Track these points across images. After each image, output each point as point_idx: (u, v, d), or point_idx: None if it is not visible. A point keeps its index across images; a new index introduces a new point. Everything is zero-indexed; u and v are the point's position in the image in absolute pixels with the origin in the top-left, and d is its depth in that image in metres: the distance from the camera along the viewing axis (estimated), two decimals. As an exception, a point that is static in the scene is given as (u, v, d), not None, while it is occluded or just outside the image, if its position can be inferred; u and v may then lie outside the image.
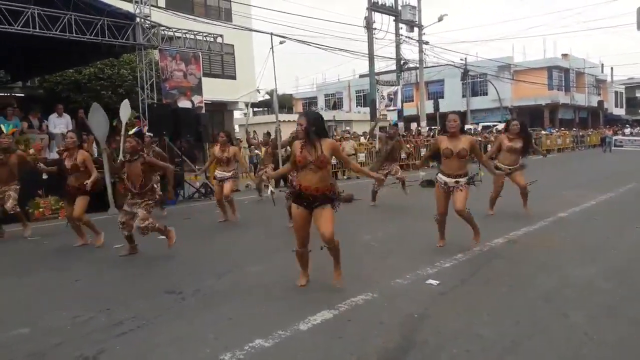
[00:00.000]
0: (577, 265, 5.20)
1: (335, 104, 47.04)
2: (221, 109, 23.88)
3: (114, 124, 12.00)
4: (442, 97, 41.28)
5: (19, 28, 10.05)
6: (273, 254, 6.21)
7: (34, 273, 5.74)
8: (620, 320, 3.72)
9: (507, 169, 7.93)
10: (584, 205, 8.96)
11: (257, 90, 25.02)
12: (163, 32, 12.58)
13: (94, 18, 11.00)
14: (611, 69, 52.64)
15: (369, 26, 23.80)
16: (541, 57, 44.20)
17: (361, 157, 18.64)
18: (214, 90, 19.67)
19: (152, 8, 12.96)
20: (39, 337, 3.76)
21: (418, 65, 28.02)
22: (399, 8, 25.73)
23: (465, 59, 36.04)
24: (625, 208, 8.79)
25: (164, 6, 17.77)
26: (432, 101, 34.51)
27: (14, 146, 7.95)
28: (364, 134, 21.54)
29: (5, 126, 8.02)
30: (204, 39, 13.50)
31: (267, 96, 41.15)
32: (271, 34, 12.25)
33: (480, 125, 35.04)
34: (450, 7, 60.26)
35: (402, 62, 26.74)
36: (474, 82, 42.20)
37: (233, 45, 22.02)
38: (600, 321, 3.70)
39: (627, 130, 37.58)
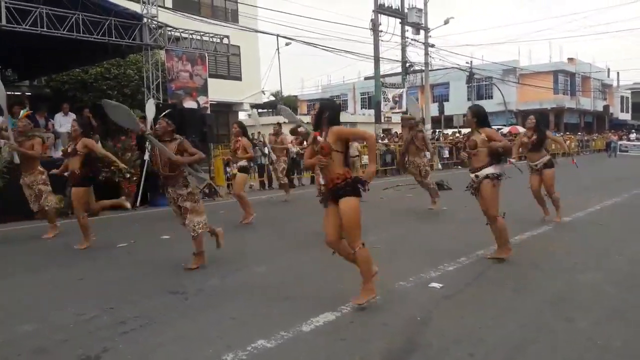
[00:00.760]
0: (582, 269, 5.18)
1: (340, 106, 46.99)
2: (226, 110, 23.94)
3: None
4: (447, 100, 41.26)
5: (27, 27, 10.10)
6: (278, 255, 6.21)
7: (39, 271, 5.76)
8: (626, 326, 3.69)
9: (535, 165, 7.81)
10: (589, 210, 8.93)
11: (262, 91, 25.06)
12: (170, 33, 12.62)
13: (102, 18, 11.05)
14: (617, 73, 52.54)
15: (375, 28, 23.82)
16: (547, 61, 44.11)
17: (365, 159, 18.67)
18: (219, 91, 19.72)
19: (159, 8, 13.01)
20: (44, 334, 3.77)
21: (423, 68, 28.01)
22: (405, 10, 25.74)
23: (471, 62, 36.05)
24: (630, 213, 8.75)
25: (171, 7, 17.84)
26: (437, 104, 34.47)
27: (32, 131, 7.72)
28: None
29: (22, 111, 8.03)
30: (210, 39, 13.54)
31: (272, 97, 41.22)
32: (277, 35, 12.30)
33: (486, 129, 34.87)
34: (456, 10, 60.35)
35: (407, 64, 26.74)
36: (479, 85, 42.17)
37: (239, 46, 22.10)
38: (605, 326, 3.68)
39: (632, 136, 37.41)
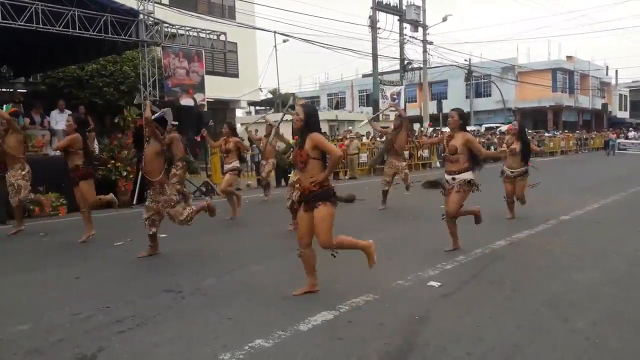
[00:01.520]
0: (580, 269, 5.17)
1: (337, 103, 46.97)
2: (223, 107, 23.87)
3: (116, 120, 12.03)
4: (446, 98, 41.19)
5: (22, 23, 10.03)
6: (274, 254, 6.19)
7: (34, 270, 5.73)
8: (623, 326, 3.68)
9: (510, 172, 7.91)
10: (587, 209, 8.92)
11: (260, 89, 25.01)
12: (166, 29, 12.55)
13: (98, 14, 10.98)
14: (616, 71, 52.54)
15: (373, 26, 23.78)
16: (546, 58, 44.12)
17: (363, 157, 18.64)
18: (216, 88, 19.65)
19: (156, 5, 12.94)
20: (39, 333, 3.74)
21: (422, 66, 27.99)
22: (404, 8, 25.71)
23: (470, 59, 36.02)
24: (628, 212, 8.75)
25: (167, 3, 17.76)
26: (435, 102, 34.46)
27: (16, 126, 7.74)
28: (367, 134, 21.51)
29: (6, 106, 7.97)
30: (207, 36, 13.47)
31: (269, 95, 41.16)
32: (274, 32, 12.23)
33: (484, 126, 34.96)
34: (455, 7, 60.19)
35: (405, 62, 26.70)
36: (477, 83, 42.16)
37: (236, 43, 22.01)
38: (602, 326, 3.67)
39: (630, 134, 37.47)
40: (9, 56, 14.71)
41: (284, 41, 22.61)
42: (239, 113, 28.37)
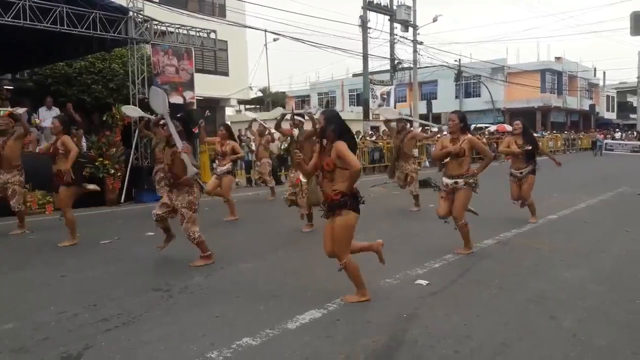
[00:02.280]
0: (567, 267, 5.21)
1: (328, 102, 46.97)
2: (213, 106, 23.77)
3: (104, 118, 11.93)
4: (436, 98, 41.32)
5: (9, 20, 9.91)
6: (263, 252, 6.17)
7: (20, 268, 5.66)
8: (609, 323, 3.71)
9: (518, 173, 7.68)
10: (574, 208, 9.00)
11: (250, 87, 24.94)
12: (156, 27, 12.45)
13: (86, 11, 10.88)
14: (603, 73, 53.09)
15: (363, 25, 23.80)
16: (535, 59, 44.41)
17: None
18: (206, 86, 19.57)
19: (145, 2, 12.83)
20: (24, 332, 3.70)
21: (412, 66, 28.06)
22: (394, 8, 25.75)
23: (459, 60, 36.15)
24: (615, 211, 8.84)
25: (157, 0, 17.64)
26: (425, 102, 34.56)
27: (12, 129, 7.58)
28: (357, 133, 21.53)
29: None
30: (197, 34, 13.38)
31: (259, 93, 41.03)
32: (265, 30, 12.22)
33: (473, 126, 35.11)
34: (445, 8, 60.55)
35: (396, 62, 26.76)
36: (467, 83, 42.33)
37: (226, 41, 21.91)
38: (589, 324, 3.70)
39: (617, 135, 37.83)
40: (-5, 52, 14.52)
41: (275, 40, 22.65)
42: (228, 111, 28.25)
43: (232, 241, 6.97)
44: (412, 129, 9.56)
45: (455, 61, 35.63)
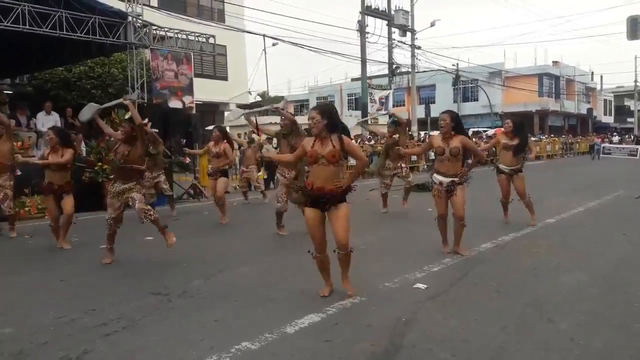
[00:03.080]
0: (565, 271, 5.22)
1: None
2: (212, 110, 23.80)
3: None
4: (434, 102, 41.38)
5: (8, 24, 9.94)
6: (261, 256, 6.18)
7: (18, 272, 5.66)
8: (607, 326, 3.73)
9: (506, 169, 7.72)
10: (572, 212, 9.02)
11: (249, 91, 24.97)
12: (155, 32, 12.50)
13: (85, 16, 10.91)
14: (601, 77, 53.17)
15: (361, 30, 23.86)
16: (532, 64, 44.55)
17: (352, 160, 18.59)
18: (205, 90, 19.60)
19: (145, 7, 12.88)
20: (23, 336, 3.70)
21: (410, 70, 28.13)
22: (392, 12, 25.82)
23: (457, 64, 36.26)
24: (613, 215, 8.86)
25: (156, 5, 17.70)
26: (423, 106, 34.63)
27: (12, 132, 7.70)
28: (356, 137, 21.56)
29: None
30: (196, 39, 13.43)
31: (258, 98, 41.07)
32: (264, 35, 12.24)
33: (471, 130, 35.16)
34: (442, 12, 60.80)
35: (394, 66, 26.82)
36: (465, 87, 42.41)
37: (225, 46, 21.97)
38: (587, 327, 3.72)
39: (615, 139, 37.92)
40: (-6, 57, 14.53)
41: (274, 44, 22.62)
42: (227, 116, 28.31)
43: (229, 245, 6.98)
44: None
45: (453, 65, 35.76)
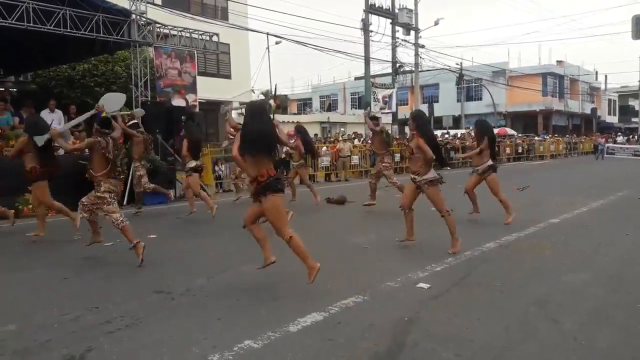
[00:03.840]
0: (568, 271, 5.21)
1: (330, 105, 47.04)
2: (215, 108, 23.80)
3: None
4: (437, 101, 41.42)
5: (13, 22, 9.97)
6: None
7: (22, 270, 5.68)
8: (611, 326, 3.72)
9: (475, 169, 8.08)
10: (575, 212, 8.99)
11: (252, 90, 24.98)
12: (158, 30, 12.51)
13: (89, 14, 10.94)
14: (605, 76, 53.04)
15: (365, 28, 23.83)
16: (536, 63, 44.48)
17: (355, 159, 18.61)
18: (208, 89, 19.62)
19: (148, 5, 12.91)
20: (27, 334, 3.72)
21: (413, 69, 28.09)
22: (396, 11, 25.79)
23: (461, 63, 36.19)
24: (616, 215, 8.83)
25: (160, 3, 17.71)
26: (426, 105, 34.58)
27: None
28: (359, 136, 21.55)
29: None
30: (200, 37, 13.45)
31: (261, 96, 41.06)
32: (267, 33, 12.22)
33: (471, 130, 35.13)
34: (446, 11, 60.70)
35: (397, 65, 26.79)
36: (468, 86, 42.36)
37: (229, 44, 21.98)
38: (591, 327, 3.71)
39: (619, 139, 37.81)
40: (-1, 55, 14.59)
41: (277, 43, 22.62)
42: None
43: (232, 244, 6.98)
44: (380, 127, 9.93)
45: (457, 64, 35.70)
